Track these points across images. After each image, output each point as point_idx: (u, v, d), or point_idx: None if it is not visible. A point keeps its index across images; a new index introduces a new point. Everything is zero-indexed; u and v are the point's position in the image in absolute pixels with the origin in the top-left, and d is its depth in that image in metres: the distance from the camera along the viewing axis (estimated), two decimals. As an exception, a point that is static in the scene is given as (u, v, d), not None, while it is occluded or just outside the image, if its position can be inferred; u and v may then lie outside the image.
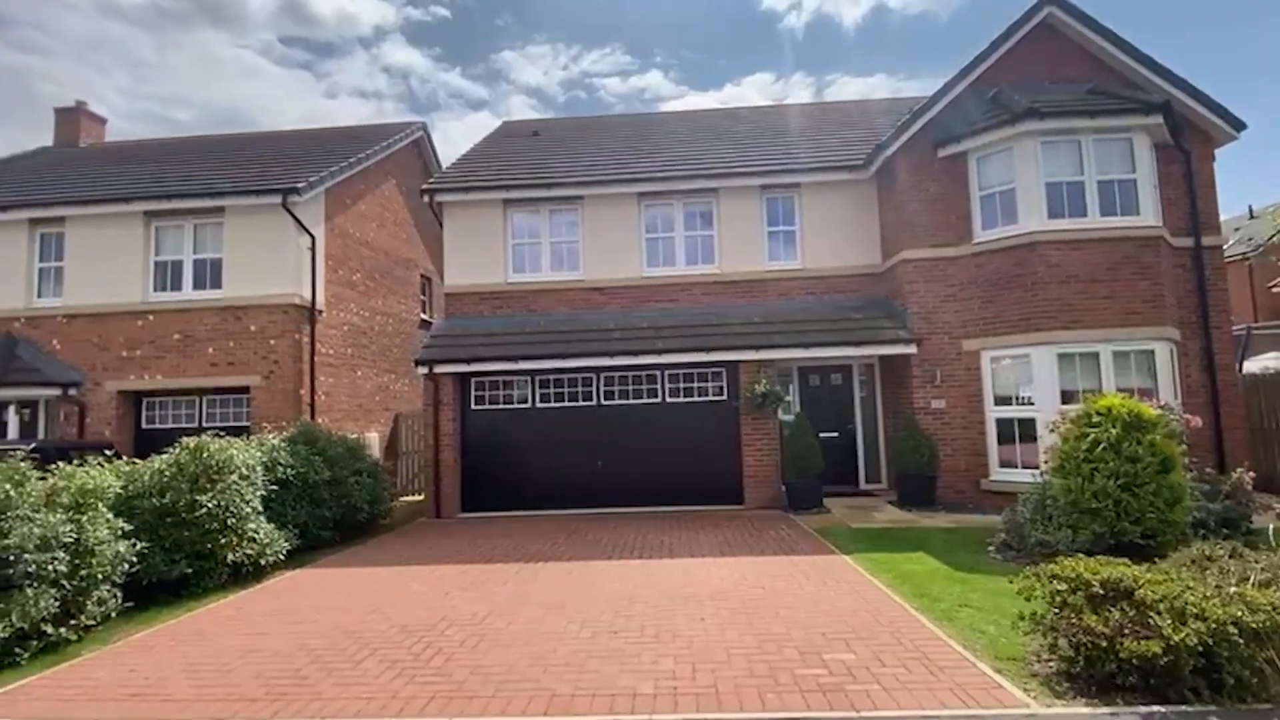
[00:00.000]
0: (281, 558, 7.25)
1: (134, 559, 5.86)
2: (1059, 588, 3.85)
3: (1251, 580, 3.80)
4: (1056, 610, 3.78)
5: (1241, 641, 3.30)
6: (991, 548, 7.00)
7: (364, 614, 5.61)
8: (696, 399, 10.89)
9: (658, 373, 10.90)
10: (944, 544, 7.34)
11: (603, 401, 10.95)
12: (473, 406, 11.06)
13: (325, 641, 4.97)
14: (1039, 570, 4.12)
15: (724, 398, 10.81)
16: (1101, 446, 5.94)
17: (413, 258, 15.74)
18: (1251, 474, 6.93)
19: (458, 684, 4.09)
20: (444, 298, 12.15)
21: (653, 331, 10.82)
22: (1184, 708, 3.38)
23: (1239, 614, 3.36)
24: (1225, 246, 11.75)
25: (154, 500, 6.41)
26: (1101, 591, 3.66)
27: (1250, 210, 25.73)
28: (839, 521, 8.94)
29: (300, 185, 11.00)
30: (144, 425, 11.52)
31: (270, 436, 8.50)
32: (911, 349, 10.30)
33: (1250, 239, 20.87)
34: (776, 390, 10.23)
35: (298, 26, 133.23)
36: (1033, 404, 9.62)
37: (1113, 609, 3.52)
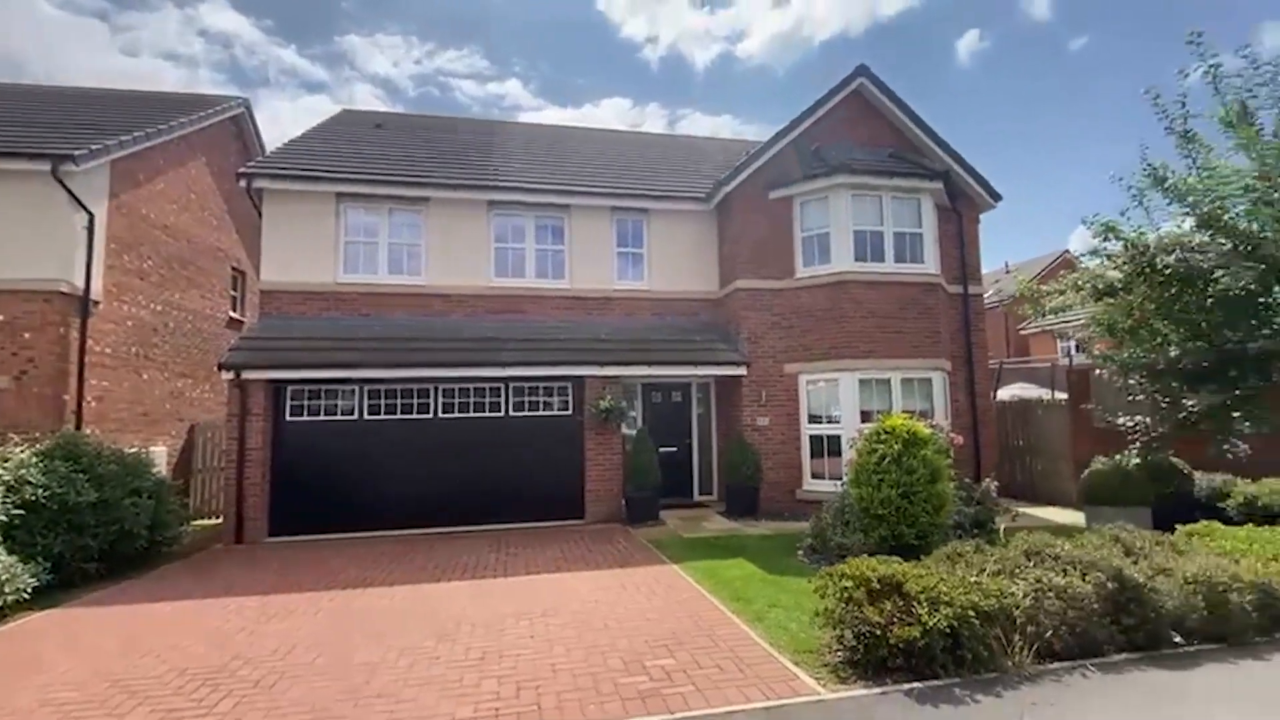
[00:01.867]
0: (26, 596, 5.99)
1: None
2: (846, 585, 4.38)
3: (987, 571, 4.62)
4: (844, 605, 4.30)
5: (977, 622, 4.00)
6: (800, 552, 7.76)
7: (134, 658, 4.80)
8: (542, 413, 10.84)
9: (502, 386, 10.69)
10: (761, 550, 8.00)
11: (441, 414, 10.48)
12: (288, 417, 9.99)
13: (80, 694, 4.18)
14: (831, 571, 4.65)
15: (569, 412, 10.87)
16: (887, 460, 6.87)
17: (223, 248, 13.95)
18: (997, 483, 8.42)
19: (248, 729, 3.66)
20: (259, 295, 10.90)
21: (498, 343, 10.60)
22: (935, 682, 4.02)
23: (976, 599, 4.08)
24: (986, 295, 14.22)
25: None
26: (879, 587, 4.23)
27: (1006, 265, 31.63)
28: (672, 533, 9.36)
29: (77, 153, 9.29)
30: None
31: (18, 450, 7.03)
32: (742, 370, 11.15)
33: (1009, 289, 25.64)
34: (620, 405, 10.51)
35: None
36: (838, 423, 10.88)
37: (886, 601, 4.09)
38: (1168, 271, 7.01)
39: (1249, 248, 6.46)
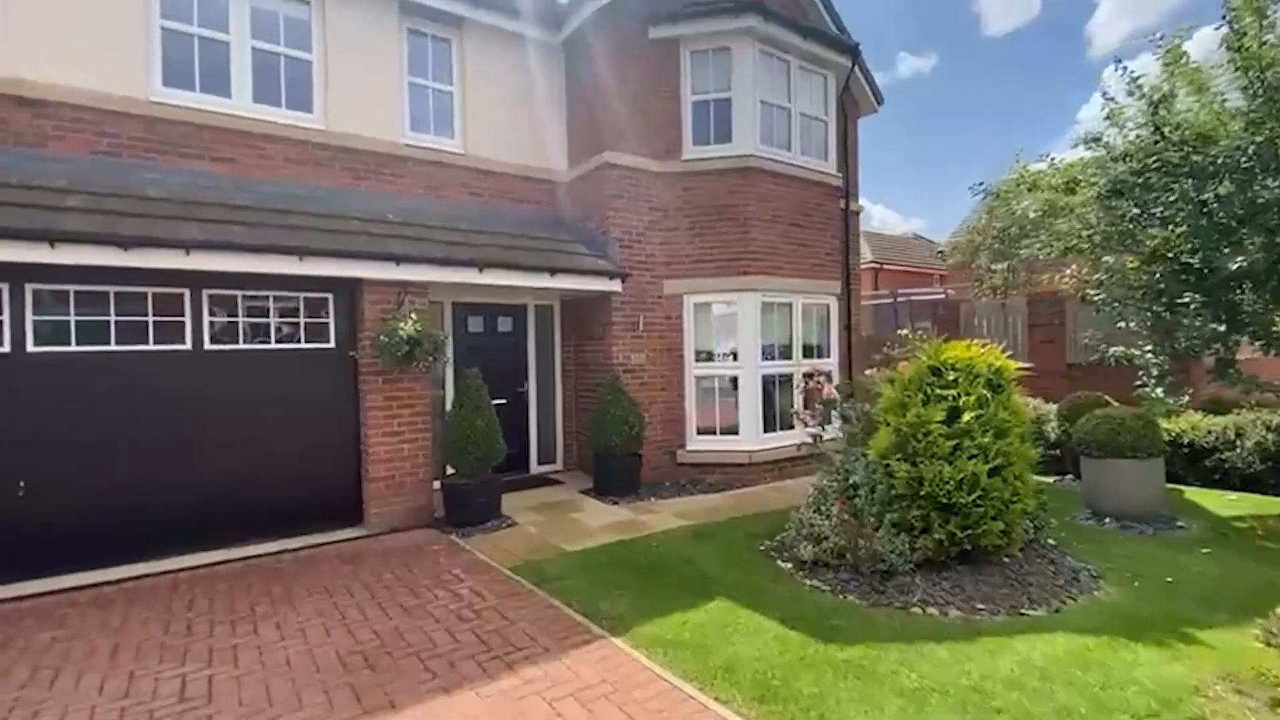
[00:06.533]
0: None
1: None
2: None
3: None
4: None
5: None
6: (787, 563, 4.74)
7: None
8: (272, 346, 5.86)
9: (186, 293, 5.44)
10: (721, 568, 4.77)
11: (34, 347, 4.89)
12: None
13: None
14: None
15: (330, 345, 6.10)
16: (969, 416, 4.14)
17: None
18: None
19: None
20: None
21: (177, 209, 5.32)
22: None
23: None
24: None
25: None
26: None
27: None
28: (541, 542, 5.58)
29: None
30: None
31: None
32: (616, 285, 7.60)
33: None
34: (436, 333, 6.09)
35: None
36: (736, 360, 8.14)
37: None
38: (1218, 163, 5.49)
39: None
